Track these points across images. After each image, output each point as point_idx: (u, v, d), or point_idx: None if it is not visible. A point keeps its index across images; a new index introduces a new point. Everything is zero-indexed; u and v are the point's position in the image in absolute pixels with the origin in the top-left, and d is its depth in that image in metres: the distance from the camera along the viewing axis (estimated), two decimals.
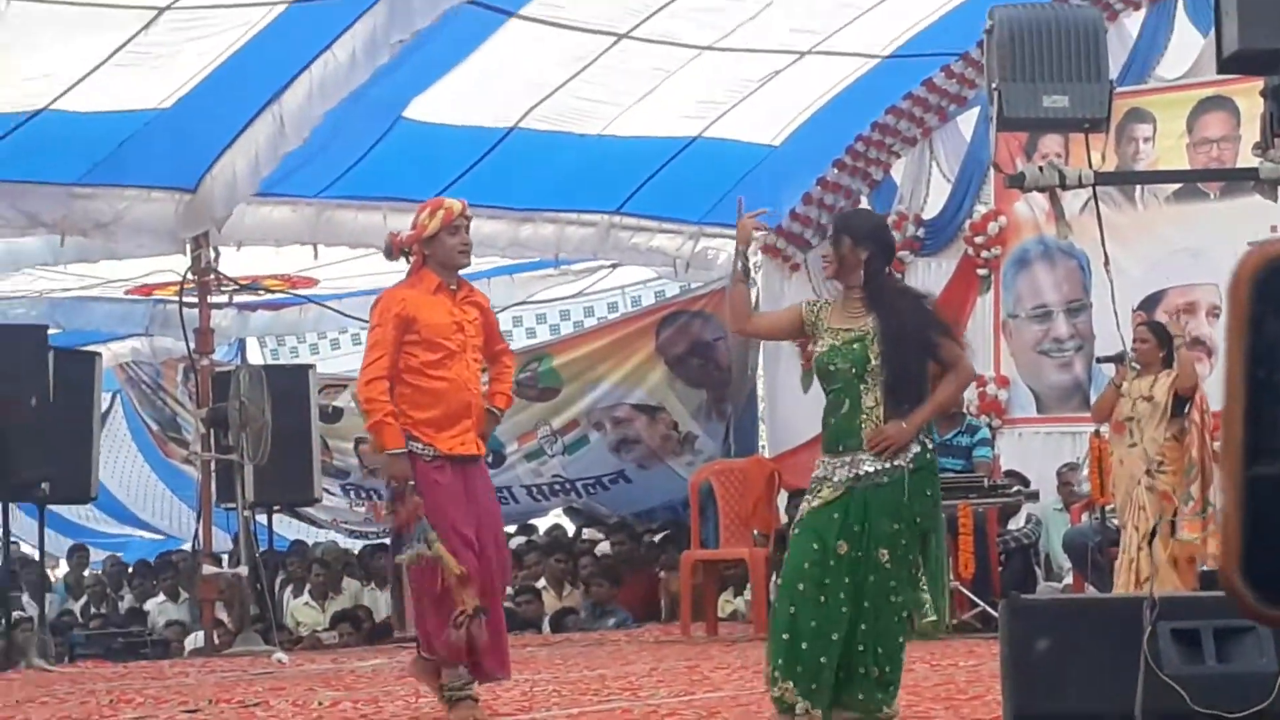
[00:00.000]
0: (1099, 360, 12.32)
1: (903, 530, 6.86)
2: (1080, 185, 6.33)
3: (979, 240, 15.58)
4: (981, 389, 15.40)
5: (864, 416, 6.89)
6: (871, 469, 6.86)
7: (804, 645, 6.77)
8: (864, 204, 16.53)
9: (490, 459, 17.16)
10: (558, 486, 17.41)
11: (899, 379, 6.90)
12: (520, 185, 15.40)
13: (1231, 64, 6.13)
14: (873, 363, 6.89)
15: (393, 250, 8.24)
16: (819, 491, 6.92)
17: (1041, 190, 6.45)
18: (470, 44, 13.57)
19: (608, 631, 14.40)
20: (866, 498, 6.86)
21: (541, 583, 15.81)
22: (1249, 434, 0.44)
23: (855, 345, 6.92)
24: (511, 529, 17.74)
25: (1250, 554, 0.46)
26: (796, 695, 6.82)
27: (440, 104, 14.19)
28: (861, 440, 6.86)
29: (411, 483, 7.90)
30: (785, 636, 6.82)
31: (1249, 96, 9.10)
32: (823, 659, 6.75)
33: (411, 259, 8.15)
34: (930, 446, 6.97)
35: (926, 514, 6.94)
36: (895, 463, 6.85)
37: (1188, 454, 10.94)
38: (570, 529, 17.99)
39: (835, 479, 6.90)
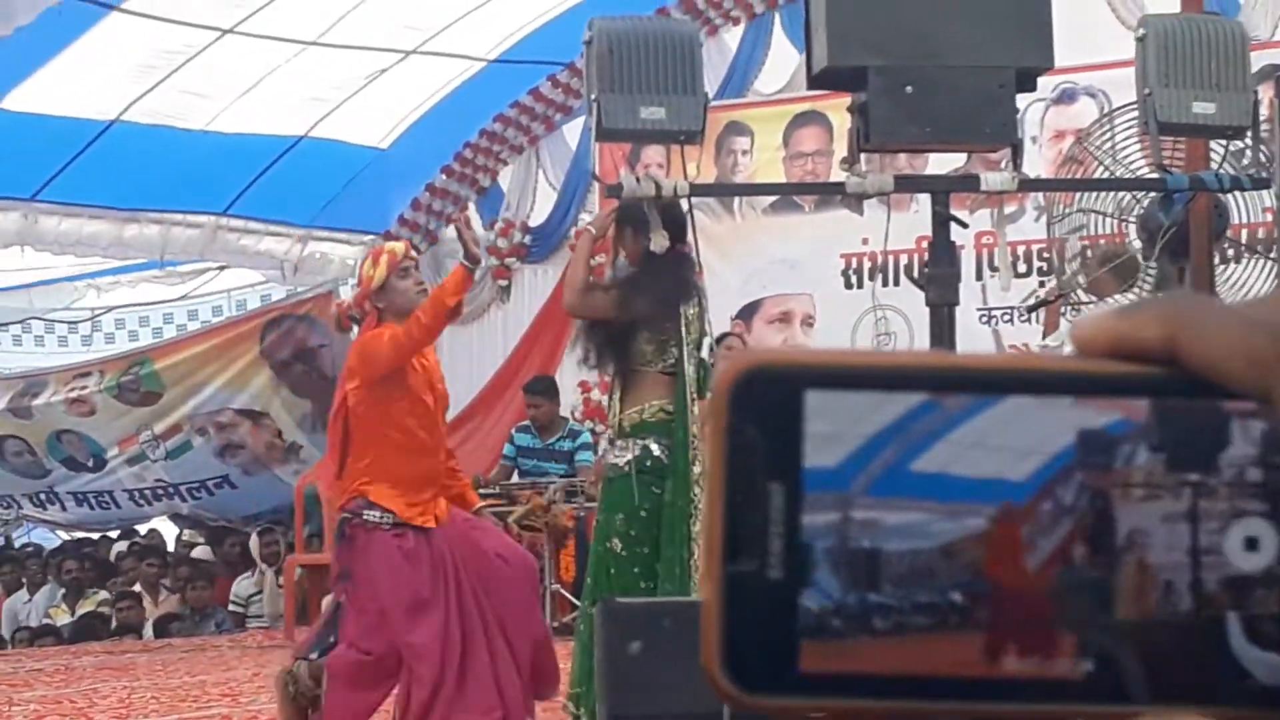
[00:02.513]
0: None
1: (631, 522, 7.00)
2: (676, 196, 6.48)
3: None
4: (586, 395, 15.57)
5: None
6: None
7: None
8: (471, 211, 16.61)
9: (91, 463, 17.00)
10: (160, 491, 17.14)
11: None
12: (124, 182, 15.11)
13: (821, 80, 6.34)
14: None
15: (342, 321, 7.49)
16: None
17: (639, 200, 6.58)
18: (71, 34, 13.29)
19: (211, 637, 14.23)
20: (603, 489, 7.12)
21: (138, 587, 15.56)
22: (727, 533, 0.48)
23: None
24: (115, 534, 17.46)
25: (729, 647, 0.50)
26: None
27: (39, 94, 13.87)
28: None
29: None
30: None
31: (841, 112, 9.39)
32: None
33: (364, 319, 7.41)
34: (651, 450, 7.09)
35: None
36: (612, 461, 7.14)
37: None
38: (172, 534, 17.73)
39: None
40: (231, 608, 15.19)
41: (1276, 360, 0.52)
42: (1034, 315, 10.30)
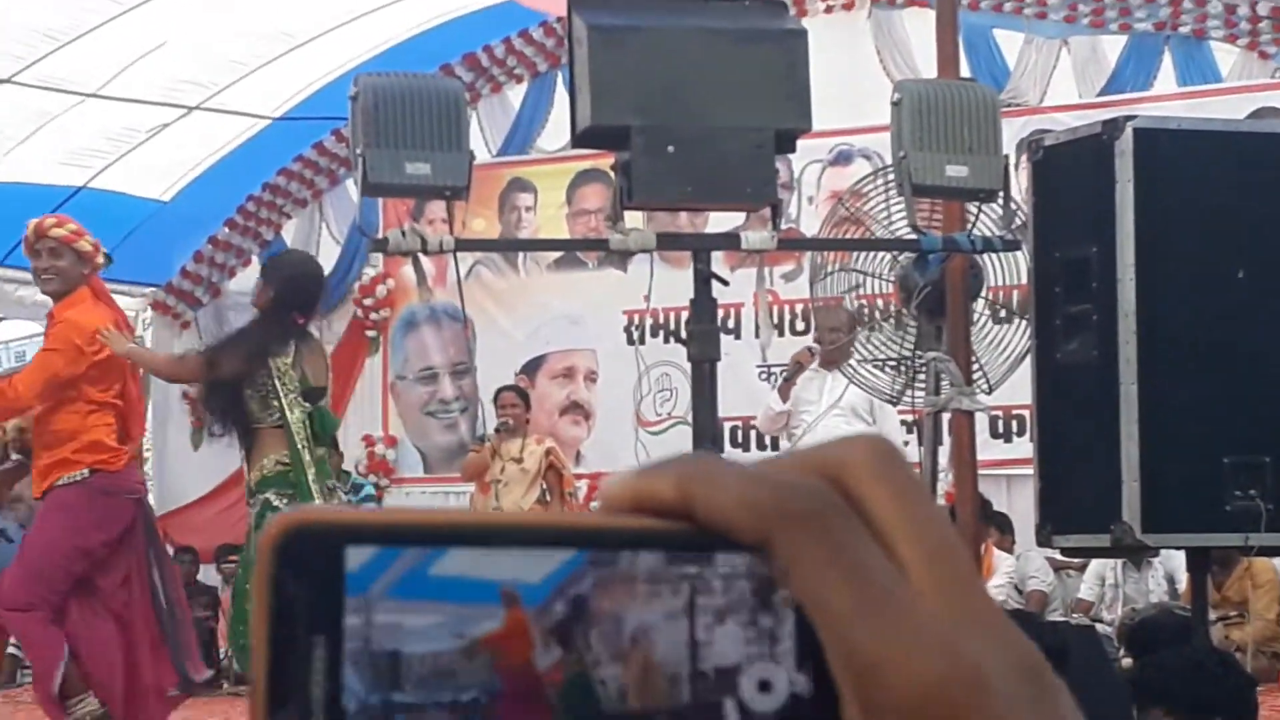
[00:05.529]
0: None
1: None
2: (441, 251, 6.49)
3: (368, 302, 15.75)
4: (371, 449, 15.54)
5: None
6: None
7: None
8: (254, 264, 16.51)
9: None
10: None
11: None
12: None
13: (585, 139, 6.40)
14: None
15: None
16: None
17: (404, 254, 6.60)
18: None
19: None
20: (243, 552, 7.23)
21: None
22: (271, 685, 0.50)
23: None
24: None
25: None
26: None
27: None
28: None
29: None
30: None
31: None
32: None
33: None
34: (271, 502, 7.28)
35: None
36: None
37: None
38: None
39: None
40: None
41: (774, 512, 0.55)
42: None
